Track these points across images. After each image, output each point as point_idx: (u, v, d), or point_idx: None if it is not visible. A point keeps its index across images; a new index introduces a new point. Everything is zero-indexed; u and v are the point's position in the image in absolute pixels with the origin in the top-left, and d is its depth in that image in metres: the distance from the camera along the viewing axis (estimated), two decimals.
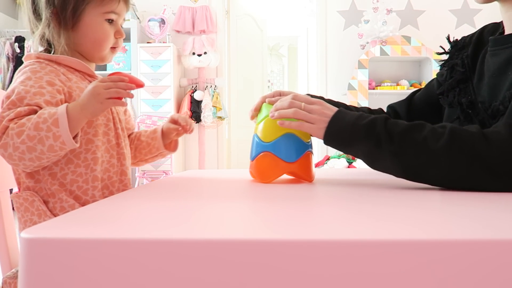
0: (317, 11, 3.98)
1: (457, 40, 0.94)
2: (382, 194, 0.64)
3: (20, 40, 3.46)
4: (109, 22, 0.93)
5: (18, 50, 3.42)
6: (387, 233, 0.38)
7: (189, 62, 3.62)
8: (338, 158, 3.29)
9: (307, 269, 0.34)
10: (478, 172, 0.64)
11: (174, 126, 1.05)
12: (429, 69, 3.67)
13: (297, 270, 0.34)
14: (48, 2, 0.89)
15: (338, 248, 0.35)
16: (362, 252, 0.34)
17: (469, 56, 0.89)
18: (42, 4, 0.89)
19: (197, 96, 3.60)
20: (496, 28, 0.89)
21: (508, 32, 0.83)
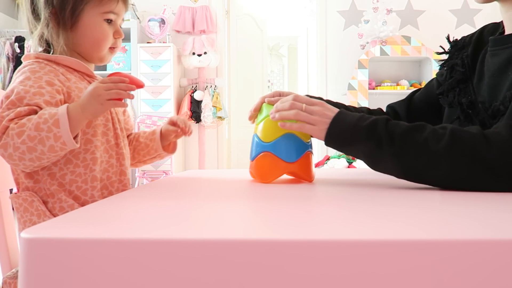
0: (317, 11, 3.98)
1: (457, 40, 0.94)
2: (382, 194, 0.64)
3: (20, 40, 3.46)
4: (108, 22, 0.93)
5: (18, 50, 3.42)
6: (387, 233, 0.38)
7: (189, 62, 3.62)
8: (338, 158, 3.29)
9: (307, 269, 0.34)
10: (479, 173, 0.64)
11: (173, 128, 1.05)
12: (429, 69, 3.67)
13: (297, 270, 0.34)
14: (46, 2, 0.89)
15: (338, 248, 0.35)
16: (362, 252, 0.34)
17: (469, 56, 0.89)
18: (40, 4, 0.89)
19: (197, 96, 3.60)
20: (496, 28, 0.89)
21: (508, 32, 0.83)
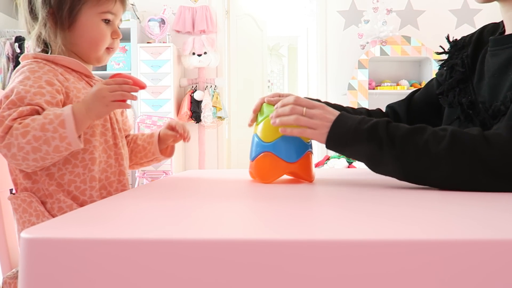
0: (317, 11, 3.97)
1: (456, 40, 0.94)
2: (382, 194, 0.64)
3: (20, 40, 3.46)
4: (105, 22, 0.93)
5: (18, 50, 3.42)
6: (387, 233, 0.38)
7: (189, 62, 3.61)
8: (338, 158, 3.29)
9: (307, 269, 0.34)
10: (479, 174, 0.64)
11: (172, 133, 1.06)
12: (429, 69, 3.67)
13: (297, 270, 0.34)
14: (44, 2, 0.89)
15: (338, 248, 0.35)
16: (362, 252, 0.34)
17: (469, 56, 0.89)
18: (38, 4, 0.89)
19: (197, 96, 3.60)
20: (496, 28, 0.89)
21: (508, 32, 0.83)
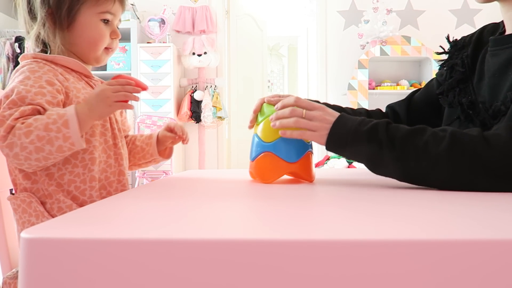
0: (317, 11, 3.97)
1: (456, 40, 0.94)
2: (382, 194, 0.64)
3: (20, 40, 3.45)
4: (104, 22, 0.93)
5: (18, 50, 3.42)
6: (387, 233, 0.38)
7: (189, 62, 3.61)
8: (338, 158, 3.29)
9: (307, 269, 0.34)
10: (480, 175, 0.64)
11: (170, 135, 1.06)
12: (429, 69, 3.67)
13: (297, 270, 0.34)
14: (43, 2, 0.89)
15: (338, 248, 0.35)
16: (362, 252, 0.34)
17: (469, 56, 0.89)
18: (37, 4, 0.89)
19: (197, 96, 3.60)
20: (496, 28, 0.89)
21: (508, 32, 0.83)
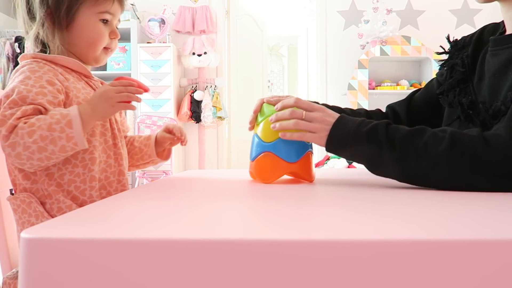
0: (317, 11, 3.97)
1: (457, 40, 0.94)
2: (382, 194, 0.63)
3: (20, 40, 3.45)
4: (103, 22, 0.93)
5: (18, 50, 3.42)
6: (387, 233, 0.38)
7: (189, 62, 3.61)
8: (338, 158, 3.29)
9: (307, 269, 0.34)
10: (479, 175, 0.64)
11: (169, 136, 1.06)
12: (429, 69, 3.67)
13: (297, 270, 0.34)
14: (42, 2, 0.89)
15: (338, 248, 0.35)
16: (362, 252, 0.34)
17: (469, 56, 0.89)
18: (36, 4, 0.89)
19: (197, 96, 3.60)
20: (496, 28, 0.89)
21: (509, 32, 0.83)
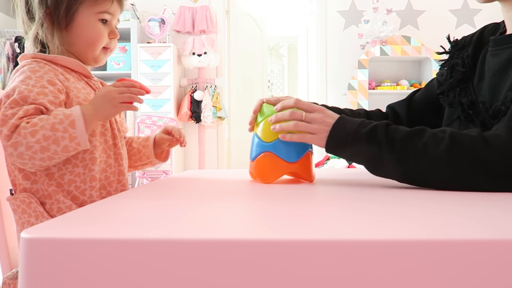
0: (317, 11, 3.97)
1: (457, 40, 0.94)
2: (382, 194, 0.63)
3: (20, 40, 3.45)
4: (102, 22, 0.94)
5: (18, 50, 3.42)
6: (387, 233, 0.38)
7: (189, 62, 3.61)
8: (338, 158, 3.29)
9: (307, 269, 0.34)
10: (479, 176, 0.64)
11: (168, 137, 1.06)
12: (429, 69, 3.67)
13: (297, 270, 0.34)
14: (41, 2, 0.89)
15: (338, 248, 0.35)
16: (362, 252, 0.34)
17: (469, 56, 0.89)
18: (35, 4, 0.89)
19: (197, 96, 3.60)
20: (496, 28, 0.89)
21: (509, 32, 0.83)
